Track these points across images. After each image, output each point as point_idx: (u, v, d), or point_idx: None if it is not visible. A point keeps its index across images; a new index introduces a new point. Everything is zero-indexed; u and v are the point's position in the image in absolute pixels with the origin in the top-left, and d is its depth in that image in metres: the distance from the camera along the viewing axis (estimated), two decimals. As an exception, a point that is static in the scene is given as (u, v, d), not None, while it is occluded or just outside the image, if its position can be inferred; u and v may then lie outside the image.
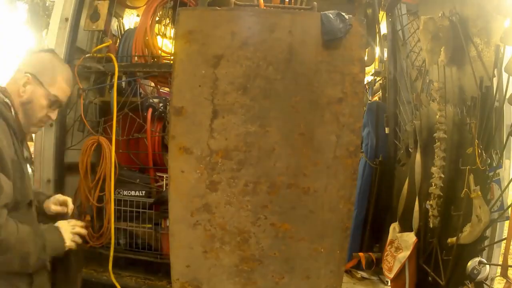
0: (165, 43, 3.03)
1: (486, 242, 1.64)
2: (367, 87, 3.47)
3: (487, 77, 1.64)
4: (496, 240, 1.75)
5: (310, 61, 1.36)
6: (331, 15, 1.28)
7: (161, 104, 2.67)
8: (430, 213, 1.89)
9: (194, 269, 1.39)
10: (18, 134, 1.36)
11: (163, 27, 3.01)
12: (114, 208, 2.35)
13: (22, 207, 1.33)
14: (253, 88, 1.36)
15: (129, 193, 2.54)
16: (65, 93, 1.45)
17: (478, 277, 1.58)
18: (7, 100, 1.34)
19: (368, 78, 3.46)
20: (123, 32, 3.07)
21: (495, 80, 1.61)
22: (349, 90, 1.37)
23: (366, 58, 2.55)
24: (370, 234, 2.82)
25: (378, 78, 3.25)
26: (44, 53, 1.48)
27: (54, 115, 1.45)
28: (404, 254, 2.02)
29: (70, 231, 1.45)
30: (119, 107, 2.49)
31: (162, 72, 2.55)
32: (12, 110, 1.35)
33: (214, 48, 1.35)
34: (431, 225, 1.90)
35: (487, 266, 1.60)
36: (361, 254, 2.57)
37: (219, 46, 1.35)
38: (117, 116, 2.42)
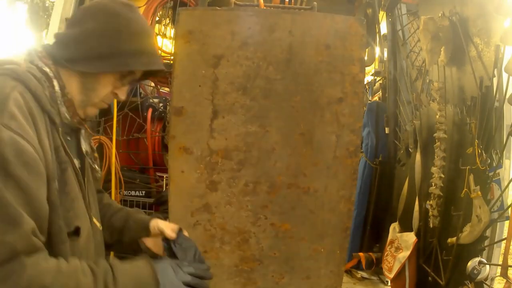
0: (165, 43, 3.03)
1: (486, 242, 1.64)
2: (367, 87, 3.47)
3: (487, 77, 1.64)
4: (496, 240, 1.75)
5: (310, 61, 1.36)
6: None
7: (161, 104, 2.68)
8: (430, 213, 1.89)
9: None
10: (62, 122, 0.94)
11: (163, 27, 3.01)
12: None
13: (60, 241, 0.89)
14: (253, 88, 1.36)
15: (129, 193, 2.54)
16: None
17: (478, 277, 1.57)
18: (46, 68, 0.91)
19: (368, 78, 3.46)
20: (123, 32, 3.07)
21: (495, 80, 1.61)
22: (349, 90, 1.37)
23: (366, 58, 2.55)
24: (370, 234, 2.82)
25: (378, 78, 3.25)
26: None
27: (123, 93, 1.01)
28: (404, 254, 2.02)
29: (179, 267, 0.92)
30: (119, 107, 2.49)
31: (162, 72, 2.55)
32: (56, 83, 0.92)
33: (214, 48, 1.35)
34: (431, 225, 1.90)
35: (487, 266, 1.60)
36: (361, 254, 2.57)
37: (219, 46, 1.35)
38: (117, 116, 2.42)
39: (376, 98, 3.31)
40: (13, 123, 0.79)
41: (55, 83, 0.92)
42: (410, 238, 2.02)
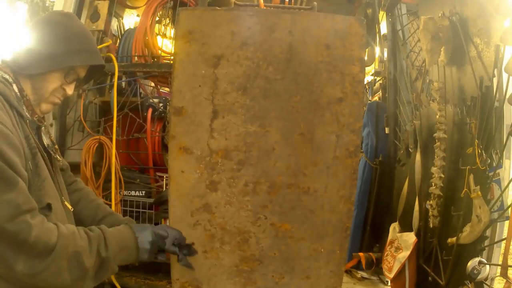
0: (165, 43, 3.03)
1: (486, 242, 1.64)
2: (367, 87, 3.47)
3: (487, 77, 1.64)
4: (496, 240, 1.75)
5: (310, 61, 1.36)
6: None
7: (161, 104, 2.67)
8: (430, 213, 1.89)
9: (194, 269, 1.39)
10: (27, 117, 1.12)
11: (163, 27, 3.01)
12: (115, 208, 2.35)
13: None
14: (253, 88, 1.36)
15: (129, 193, 2.54)
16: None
17: (478, 277, 1.57)
18: (6, 76, 1.10)
19: (368, 78, 3.46)
20: (123, 32, 3.07)
21: (495, 80, 1.61)
22: (349, 90, 1.37)
23: (366, 58, 2.55)
24: (370, 234, 2.82)
25: (378, 78, 3.25)
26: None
27: (70, 89, 1.19)
28: (404, 254, 2.02)
29: (153, 231, 1.19)
30: (119, 107, 2.49)
31: (162, 72, 2.55)
32: (15, 86, 1.10)
33: (214, 48, 1.35)
34: (431, 225, 1.90)
35: (487, 266, 1.60)
36: (361, 254, 2.57)
37: (219, 46, 1.35)
38: (117, 116, 2.42)
39: (376, 98, 3.31)
40: None
41: (14, 87, 1.10)
42: (410, 238, 2.02)
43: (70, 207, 1.23)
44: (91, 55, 1.20)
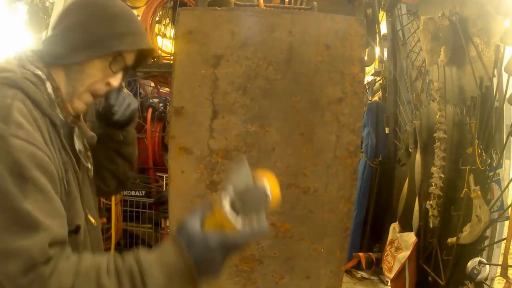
0: (165, 43, 3.04)
1: (486, 242, 1.64)
2: (367, 87, 3.47)
3: (487, 77, 1.64)
4: (496, 240, 1.75)
5: (310, 61, 1.36)
6: None
7: (161, 104, 2.68)
8: (430, 213, 1.89)
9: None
10: (61, 122, 0.94)
11: (163, 27, 3.01)
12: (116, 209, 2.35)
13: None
14: (253, 88, 1.36)
15: (129, 193, 2.54)
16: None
17: (478, 277, 1.57)
18: (38, 72, 0.92)
19: (368, 78, 3.46)
20: (123, 32, 3.07)
21: (495, 80, 1.61)
22: (349, 90, 1.37)
23: (366, 58, 2.55)
24: (370, 234, 2.83)
25: (378, 78, 3.25)
26: None
27: (115, 80, 1.00)
28: (404, 254, 2.02)
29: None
30: (119, 107, 2.49)
31: (162, 72, 2.55)
32: (49, 84, 0.93)
33: (214, 48, 1.35)
34: (431, 225, 1.90)
35: (487, 266, 1.60)
36: (361, 254, 2.58)
37: (219, 46, 1.35)
38: (117, 116, 2.42)
39: (376, 98, 3.31)
40: (21, 132, 0.79)
41: (48, 85, 0.93)
42: (410, 238, 2.02)
43: (93, 221, 1.06)
44: (140, 38, 1.00)
